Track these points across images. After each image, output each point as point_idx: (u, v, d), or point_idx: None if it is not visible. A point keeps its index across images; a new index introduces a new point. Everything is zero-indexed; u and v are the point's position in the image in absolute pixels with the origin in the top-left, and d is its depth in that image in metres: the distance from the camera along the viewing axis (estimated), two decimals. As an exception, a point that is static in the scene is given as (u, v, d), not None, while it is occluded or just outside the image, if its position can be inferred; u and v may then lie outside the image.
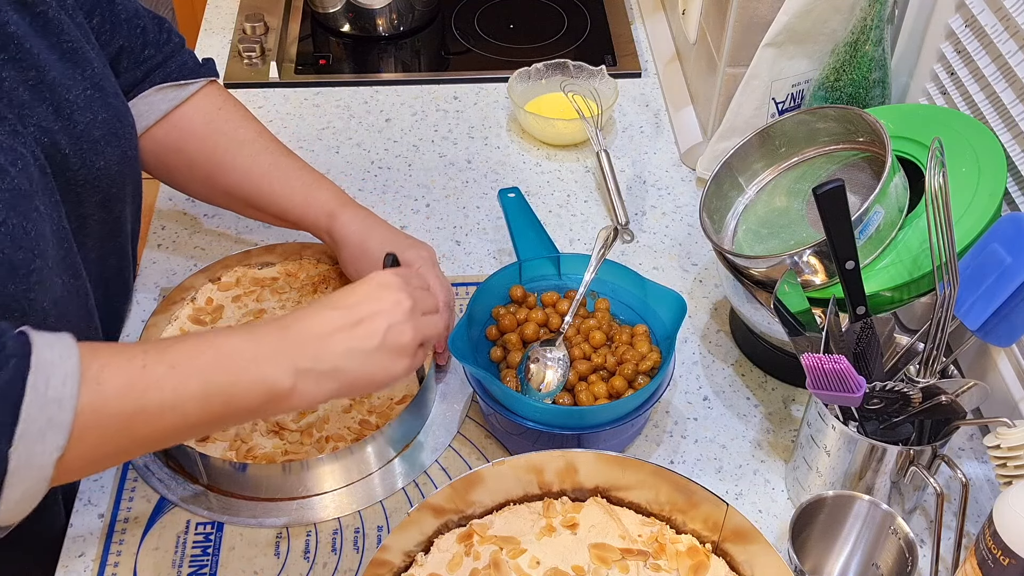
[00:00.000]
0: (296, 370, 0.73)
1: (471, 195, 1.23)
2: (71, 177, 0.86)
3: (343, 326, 0.76)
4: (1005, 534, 0.71)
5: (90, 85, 0.87)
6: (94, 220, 0.91)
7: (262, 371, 0.73)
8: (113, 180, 0.90)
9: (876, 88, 1.08)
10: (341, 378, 0.76)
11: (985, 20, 0.95)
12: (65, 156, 0.84)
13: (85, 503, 0.91)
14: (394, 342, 0.78)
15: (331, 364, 0.75)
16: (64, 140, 0.84)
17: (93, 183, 0.88)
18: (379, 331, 0.77)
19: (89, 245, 0.92)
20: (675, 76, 1.40)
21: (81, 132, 0.85)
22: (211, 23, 1.51)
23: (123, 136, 0.91)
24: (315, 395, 0.75)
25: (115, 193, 0.92)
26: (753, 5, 1.12)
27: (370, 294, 0.79)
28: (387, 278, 0.81)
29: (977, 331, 0.81)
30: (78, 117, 0.85)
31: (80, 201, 0.88)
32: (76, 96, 0.85)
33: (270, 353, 0.73)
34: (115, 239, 0.96)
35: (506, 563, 0.78)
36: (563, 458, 0.81)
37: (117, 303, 1.03)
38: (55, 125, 0.83)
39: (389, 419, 0.93)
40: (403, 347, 0.79)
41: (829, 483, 0.87)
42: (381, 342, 0.77)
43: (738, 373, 1.04)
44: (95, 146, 0.87)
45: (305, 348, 0.75)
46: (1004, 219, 0.81)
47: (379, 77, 1.42)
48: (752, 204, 1.01)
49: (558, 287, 1.02)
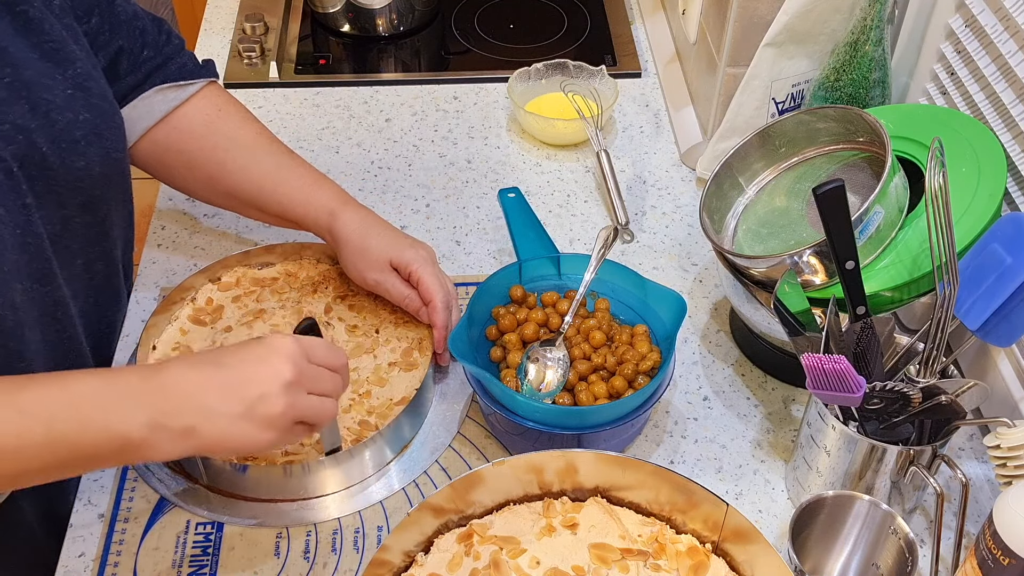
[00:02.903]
0: (149, 423, 0.70)
1: (471, 195, 1.23)
2: (51, 177, 0.84)
3: (212, 384, 0.72)
4: (1005, 534, 0.71)
5: (72, 85, 0.86)
6: (77, 223, 0.90)
7: (109, 421, 0.69)
8: (96, 182, 0.89)
9: (876, 88, 1.08)
10: (196, 438, 0.72)
11: (985, 20, 0.95)
12: (43, 155, 0.83)
13: (85, 503, 0.91)
14: (262, 412, 0.73)
15: (187, 422, 0.71)
16: (42, 139, 0.82)
17: (74, 184, 0.87)
18: (247, 398, 0.73)
19: (74, 249, 0.91)
20: (675, 76, 1.40)
21: (60, 131, 0.84)
22: (211, 23, 1.51)
23: (108, 137, 0.89)
24: (169, 451, 0.72)
25: (99, 195, 0.91)
26: (753, 5, 1.12)
27: (255, 356, 0.75)
28: (281, 344, 0.75)
29: (977, 331, 0.81)
30: (56, 116, 0.84)
31: (62, 203, 0.87)
32: (56, 96, 0.84)
33: (123, 402, 0.70)
34: (101, 244, 0.95)
35: (506, 563, 0.78)
36: (563, 458, 0.81)
37: (108, 312, 1.01)
38: (32, 124, 0.82)
39: (388, 419, 0.93)
40: (270, 419, 0.74)
41: (829, 483, 0.87)
42: (246, 410, 0.73)
43: (738, 373, 1.04)
44: (75, 146, 0.85)
45: (164, 401, 0.71)
46: (1004, 219, 0.81)
47: (379, 77, 1.42)
48: (752, 204, 1.01)
49: (558, 287, 1.02)
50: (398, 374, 0.98)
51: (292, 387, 0.75)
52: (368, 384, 0.97)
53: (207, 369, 0.74)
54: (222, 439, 0.73)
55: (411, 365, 0.99)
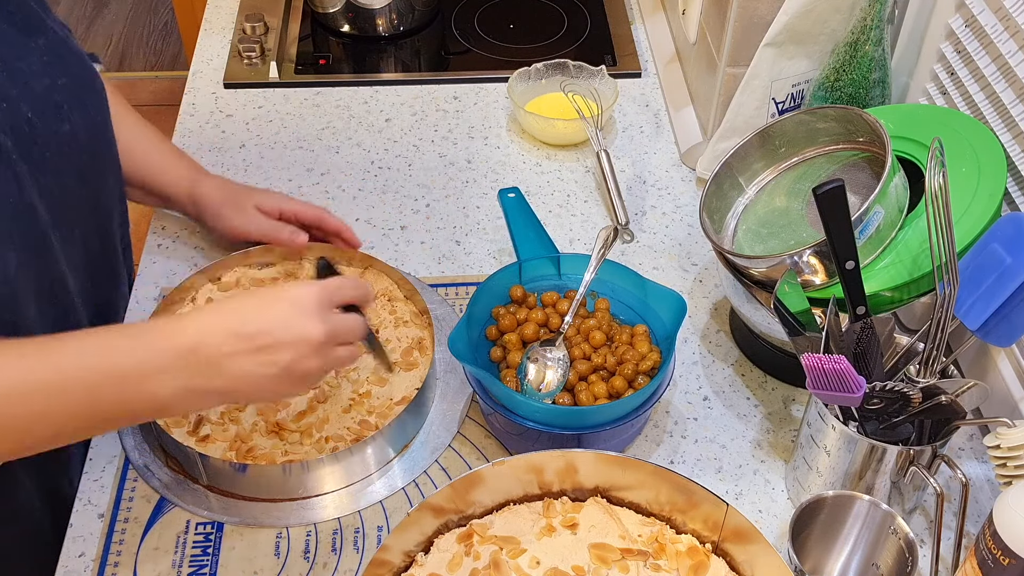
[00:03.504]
0: (187, 389, 0.73)
1: (471, 195, 1.23)
2: (41, 144, 0.85)
3: (245, 351, 0.74)
4: (1005, 534, 0.71)
5: (46, 52, 0.87)
6: (74, 195, 0.91)
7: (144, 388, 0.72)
8: (84, 148, 0.90)
9: (876, 88, 1.08)
10: (231, 397, 0.78)
11: (985, 20, 0.95)
12: (30, 121, 0.84)
13: (85, 503, 0.91)
14: (297, 371, 0.75)
15: (220, 386, 0.74)
16: (25, 106, 0.83)
17: (65, 152, 0.88)
18: (279, 362, 0.74)
19: (71, 222, 0.91)
20: (675, 76, 1.40)
21: (40, 96, 0.85)
22: (211, 23, 1.51)
23: (89, 103, 0.91)
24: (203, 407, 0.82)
25: (90, 164, 0.92)
26: (753, 5, 1.12)
27: (281, 320, 0.75)
28: (307, 299, 0.76)
29: (977, 331, 0.81)
30: (35, 83, 0.85)
31: (58, 171, 0.87)
32: (31, 64, 0.85)
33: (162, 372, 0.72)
34: (96, 217, 0.96)
35: (506, 563, 0.78)
36: (563, 458, 0.81)
37: (107, 293, 1.02)
38: (12, 91, 0.83)
39: (389, 419, 0.93)
40: (304, 377, 0.77)
41: (829, 483, 0.87)
42: (280, 371, 0.75)
43: (738, 373, 1.04)
44: (58, 111, 0.86)
45: (196, 366, 0.73)
46: (1004, 219, 0.81)
47: (379, 77, 1.42)
48: (752, 204, 1.01)
49: (558, 287, 1.02)
50: (398, 374, 0.98)
51: (323, 347, 0.76)
52: (368, 384, 0.97)
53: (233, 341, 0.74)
54: (255, 394, 0.79)
55: (411, 365, 0.99)
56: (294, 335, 0.75)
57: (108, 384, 0.72)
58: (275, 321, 0.75)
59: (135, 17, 3.43)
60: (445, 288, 1.11)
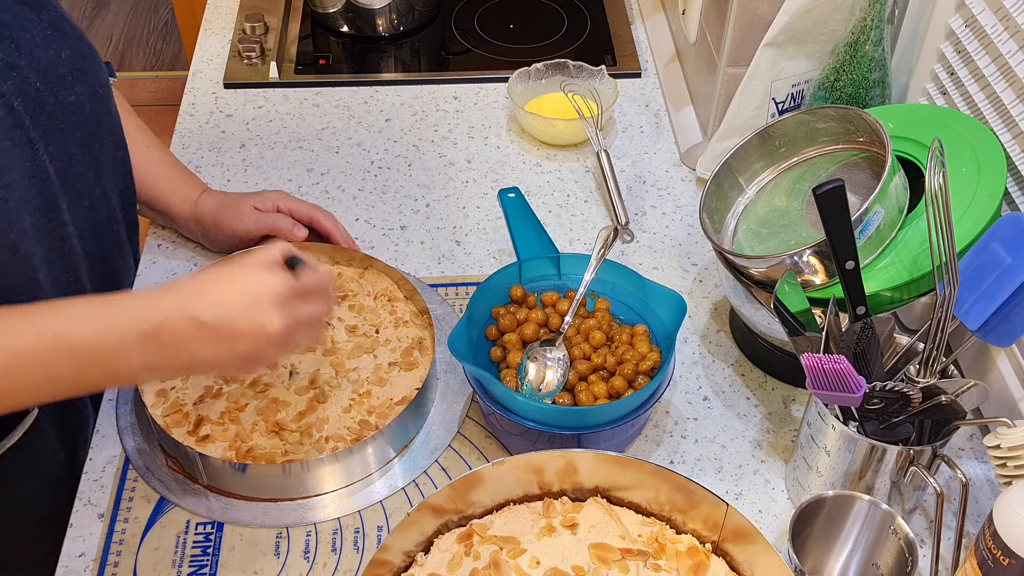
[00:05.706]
0: (149, 365, 0.75)
1: (471, 195, 1.23)
2: (50, 112, 0.87)
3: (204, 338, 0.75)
4: (1005, 534, 0.71)
5: (48, 26, 0.89)
6: (79, 162, 0.92)
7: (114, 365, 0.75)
8: (87, 117, 0.92)
9: (876, 88, 1.08)
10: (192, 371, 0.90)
11: (985, 20, 0.95)
12: (39, 91, 0.85)
13: (85, 503, 0.91)
14: (254, 359, 0.78)
15: (185, 363, 0.77)
16: (32, 76, 0.85)
17: (71, 120, 0.90)
18: (239, 352, 0.76)
19: (79, 188, 0.93)
20: (675, 76, 1.40)
21: (46, 68, 0.87)
22: (211, 23, 1.51)
23: (91, 74, 0.93)
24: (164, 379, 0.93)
25: (92, 132, 0.94)
26: (753, 5, 1.12)
27: (241, 309, 0.76)
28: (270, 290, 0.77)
29: (977, 331, 0.81)
30: (39, 54, 0.86)
31: (65, 139, 0.89)
32: (35, 36, 0.87)
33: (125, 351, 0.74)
34: (99, 185, 0.97)
35: (506, 563, 0.78)
36: (563, 458, 0.81)
37: (112, 260, 1.04)
38: (20, 61, 0.84)
39: (389, 419, 0.93)
40: (263, 362, 0.80)
41: (829, 483, 0.87)
42: (239, 359, 0.77)
43: (738, 373, 1.04)
44: (63, 81, 0.88)
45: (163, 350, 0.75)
46: (1004, 219, 0.81)
47: (379, 77, 1.42)
48: (752, 204, 1.01)
49: (558, 287, 1.02)
50: (398, 374, 0.98)
51: (282, 339, 0.77)
52: (368, 384, 0.97)
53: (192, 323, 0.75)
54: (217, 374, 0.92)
55: (411, 365, 0.99)
56: (254, 327, 0.76)
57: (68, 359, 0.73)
58: (236, 310, 0.76)
59: (135, 17, 3.43)
60: (445, 288, 1.11)
